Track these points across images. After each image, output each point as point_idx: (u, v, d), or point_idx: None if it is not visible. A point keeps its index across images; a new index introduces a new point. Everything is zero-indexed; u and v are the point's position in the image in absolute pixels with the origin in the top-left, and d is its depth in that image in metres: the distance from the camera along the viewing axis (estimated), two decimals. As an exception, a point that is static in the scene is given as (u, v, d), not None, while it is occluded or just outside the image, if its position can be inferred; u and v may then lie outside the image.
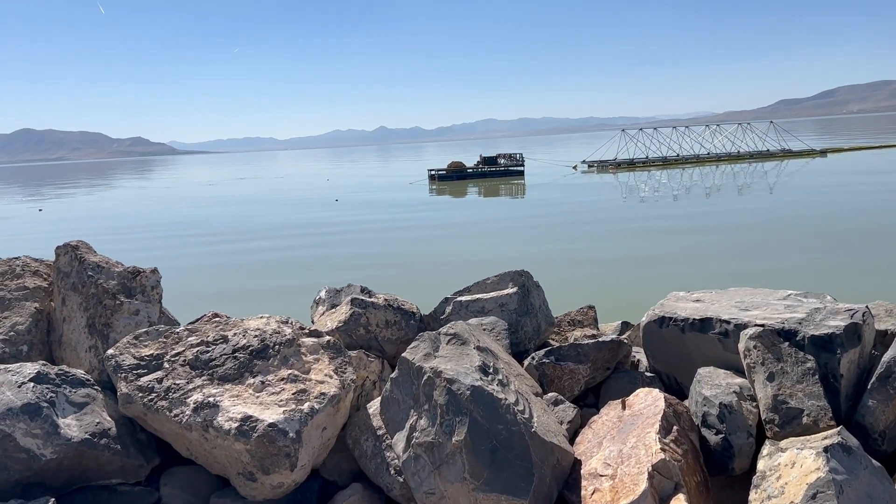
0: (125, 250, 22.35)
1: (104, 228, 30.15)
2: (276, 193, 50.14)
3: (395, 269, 18.58)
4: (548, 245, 21.04)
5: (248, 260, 20.85)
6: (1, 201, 58.11)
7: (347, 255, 21.03)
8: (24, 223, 35.28)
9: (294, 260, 20.71)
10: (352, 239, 24.10)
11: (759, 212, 26.51)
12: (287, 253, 21.97)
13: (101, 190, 67.28)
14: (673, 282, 14.32)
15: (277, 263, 20.12)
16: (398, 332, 5.44)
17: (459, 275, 15.31)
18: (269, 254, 21.95)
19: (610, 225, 24.70)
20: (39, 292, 5.73)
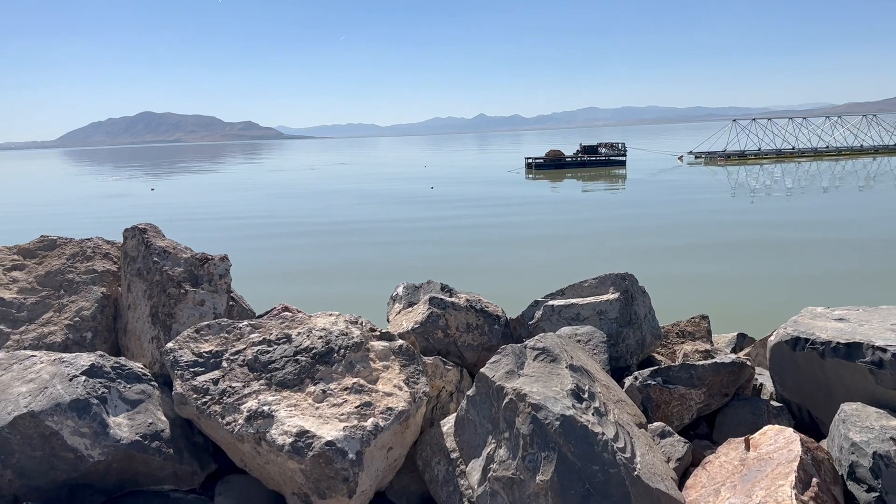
0: (215, 234, 22.59)
1: (201, 211, 30.92)
2: (373, 179, 50.44)
3: (482, 264, 17.29)
4: (649, 241, 19.55)
5: (335, 247, 20.41)
6: (120, 179, 61.30)
7: (434, 247, 20.08)
8: (136, 201, 36.88)
9: (381, 249, 20.06)
10: (442, 229, 23.20)
11: (886, 210, 24.23)
12: (375, 241, 21.35)
13: (210, 172, 69.95)
14: (793, 290, 12.96)
15: (364, 252, 19.55)
16: (480, 337, 4.84)
17: (552, 274, 14.40)
18: (357, 241, 21.53)
19: (717, 220, 23.08)
20: (108, 276, 5.48)
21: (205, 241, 19.71)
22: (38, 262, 5.61)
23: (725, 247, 18.22)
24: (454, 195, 33.62)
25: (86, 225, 25.04)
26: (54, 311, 5.22)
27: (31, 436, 3.94)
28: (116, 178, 62.06)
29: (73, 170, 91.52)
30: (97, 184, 56.14)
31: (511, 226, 23.65)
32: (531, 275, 15.44)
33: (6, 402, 4.06)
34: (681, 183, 39.83)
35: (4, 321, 5.13)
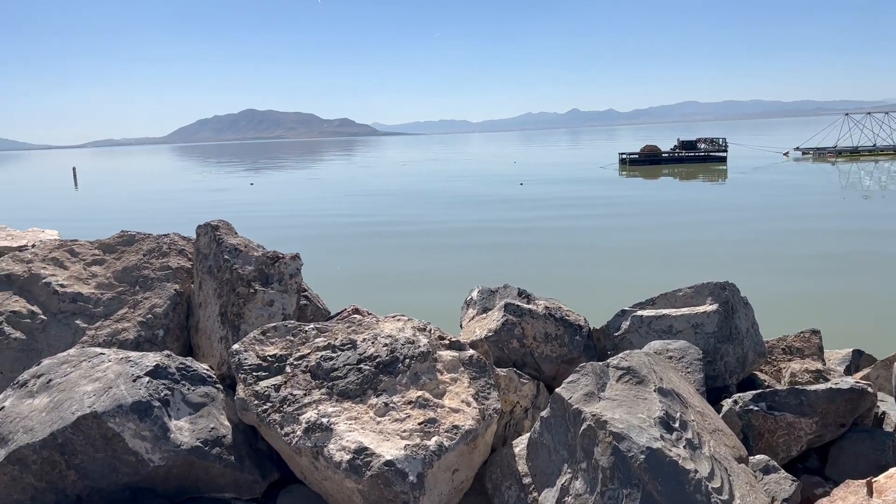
0: (300, 231, 22.69)
1: (291, 207, 31.43)
2: (461, 176, 50.28)
3: (565, 270, 16.05)
4: (751, 249, 17.79)
5: (416, 247, 19.67)
6: (222, 174, 63.76)
7: (516, 250, 18.81)
8: (235, 196, 38.14)
9: (462, 250, 19.16)
10: (526, 232, 21.93)
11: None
12: (457, 243, 20.45)
13: (305, 168, 71.72)
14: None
15: (445, 253, 18.83)
16: (560, 348, 4.46)
17: (640, 282, 13.33)
18: (439, 242, 20.66)
19: (827, 226, 21.18)
20: (182, 273, 5.43)
21: (289, 239, 19.89)
22: (116, 257, 5.63)
23: (836, 257, 16.42)
24: (542, 195, 32.26)
25: (183, 218, 25.86)
26: (129, 308, 5.20)
27: (93, 437, 3.87)
28: (205, 174, 64.54)
29: (179, 165, 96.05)
30: (200, 178, 58.58)
31: (599, 229, 21.87)
32: (618, 282, 14.14)
33: (72, 400, 4.01)
34: (786, 182, 37.48)
35: (81, 316, 5.16)
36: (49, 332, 5.05)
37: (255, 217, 25.66)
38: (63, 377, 4.26)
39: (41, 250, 5.70)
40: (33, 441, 3.86)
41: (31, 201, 39.30)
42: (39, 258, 5.60)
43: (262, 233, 20.50)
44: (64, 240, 5.90)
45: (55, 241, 5.87)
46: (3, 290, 5.28)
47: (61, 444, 3.86)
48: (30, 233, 7.45)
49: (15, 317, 5.06)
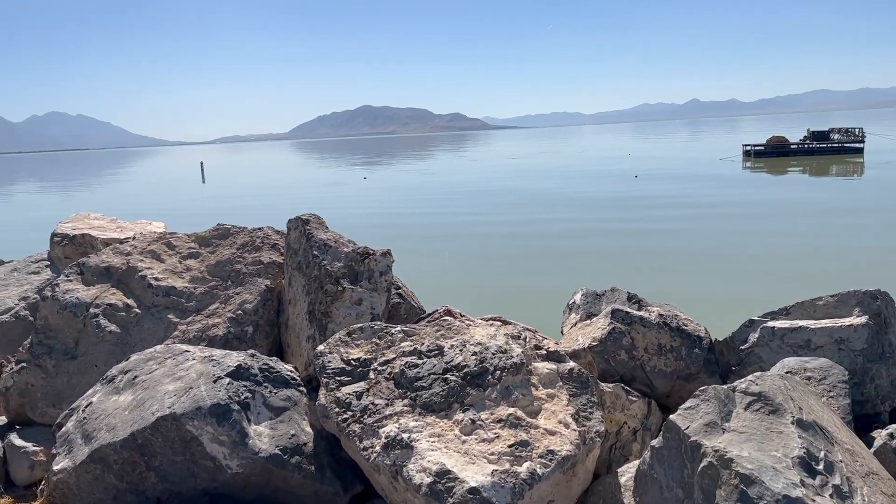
0: (402, 226, 22.40)
1: (397, 200, 31.44)
2: (571, 168, 49.09)
3: (681, 274, 14.07)
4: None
5: (518, 245, 18.13)
6: (338, 169, 65.48)
7: (625, 252, 16.93)
8: (349, 189, 38.90)
9: (567, 246, 17.61)
10: (640, 226, 20.14)
11: None
12: (563, 237, 18.99)
13: (417, 162, 72.44)
14: None
15: (550, 248, 17.44)
16: (675, 362, 3.92)
17: (772, 287, 11.95)
18: (542, 242, 19.25)
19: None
20: (273, 268, 5.27)
21: (391, 235, 19.65)
22: (210, 250, 5.55)
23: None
24: (656, 192, 29.51)
25: (295, 210, 26.58)
26: (220, 303, 5.10)
27: (172, 439, 3.72)
28: (322, 167, 66.26)
29: (298, 159, 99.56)
30: (317, 172, 60.38)
31: (719, 233, 18.81)
32: (742, 289, 12.38)
33: (153, 399, 3.89)
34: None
35: (174, 310, 5.09)
36: (142, 325, 5.01)
37: (362, 212, 25.83)
38: (148, 374, 4.16)
39: (140, 243, 5.71)
40: (114, 440, 3.76)
41: (162, 194, 41.67)
42: (138, 251, 5.61)
43: (366, 229, 20.49)
44: (163, 232, 5.91)
45: (155, 233, 5.88)
46: (102, 283, 5.31)
47: (141, 445, 3.74)
48: (138, 225, 7.61)
49: (111, 309, 5.06)
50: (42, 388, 4.78)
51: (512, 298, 12.17)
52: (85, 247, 6.71)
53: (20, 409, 4.81)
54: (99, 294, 5.18)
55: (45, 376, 4.82)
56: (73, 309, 5.05)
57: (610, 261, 15.27)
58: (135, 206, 32.98)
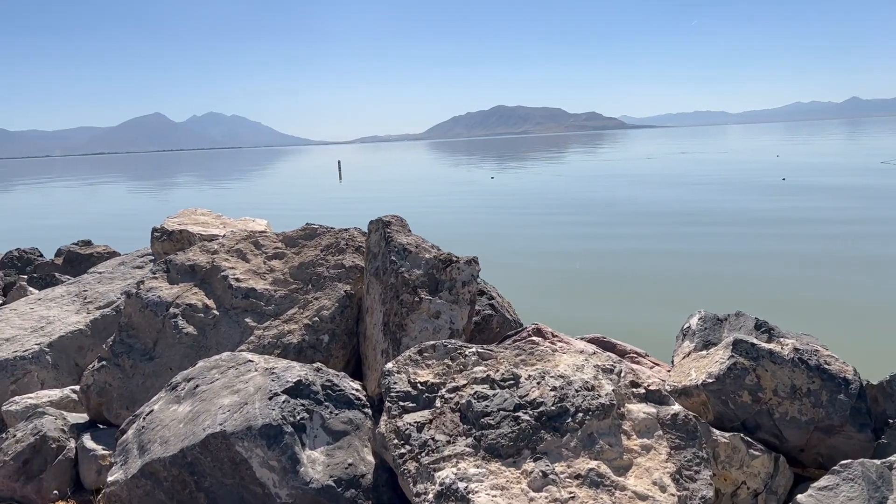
0: (518, 227, 21.42)
1: (520, 200, 30.49)
2: (713, 169, 46.29)
3: (822, 297, 11.54)
4: None
5: (645, 257, 15.46)
6: (468, 168, 65.68)
7: (760, 263, 14.38)
8: (474, 189, 38.69)
9: (694, 258, 15.04)
10: (786, 236, 17.22)
11: None
12: (688, 244, 16.47)
13: (548, 161, 71.30)
14: None
15: (671, 256, 15.05)
16: (813, 409, 3.14)
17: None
18: (670, 239, 17.13)
19: None
20: (355, 273, 4.89)
21: (501, 237, 18.92)
22: (296, 251, 5.26)
23: None
24: (804, 204, 25.92)
25: (416, 210, 26.13)
26: (298, 308, 4.78)
27: (222, 459, 3.40)
28: (452, 166, 66.43)
29: (431, 158, 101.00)
30: (446, 171, 60.81)
31: (877, 261, 14.31)
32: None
33: (208, 413, 3.59)
34: None
35: (252, 314, 4.83)
36: (219, 328, 4.79)
37: (482, 213, 25.31)
38: (208, 384, 3.88)
39: (228, 241, 5.53)
40: (165, 456, 3.49)
41: (300, 191, 43.31)
42: (224, 249, 5.42)
43: (478, 232, 19.96)
44: (253, 231, 5.70)
45: (244, 231, 5.69)
46: (186, 282, 5.15)
47: (190, 464, 3.44)
48: (240, 221, 7.54)
49: (190, 310, 4.87)
50: (118, 389, 4.66)
51: (623, 317, 10.76)
52: (182, 243, 6.68)
53: (98, 409, 4.71)
54: (181, 293, 5.02)
55: (121, 376, 4.69)
56: (153, 308, 4.91)
57: (743, 286, 12.49)
58: (271, 201, 34.37)
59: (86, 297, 6.63)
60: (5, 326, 6.22)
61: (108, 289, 6.69)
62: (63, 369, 5.89)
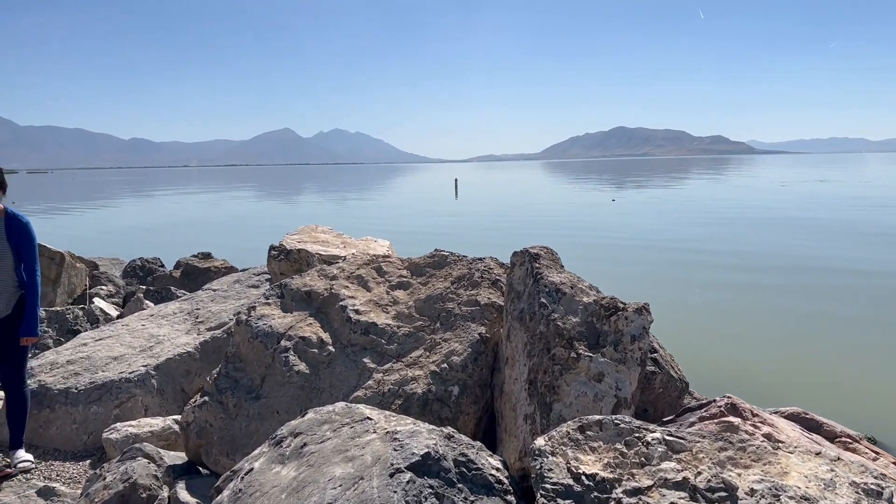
0: (647, 262, 19.09)
1: (647, 225, 28.79)
2: (861, 200, 42.52)
3: None
4: None
5: (811, 296, 12.65)
6: (587, 190, 64.06)
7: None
8: (596, 212, 37.30)
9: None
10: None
11: None
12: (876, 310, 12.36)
13: (672, 186, 68.47)
14: None
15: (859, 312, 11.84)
16: None
17: None
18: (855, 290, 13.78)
19: None
20: (492, 312, 4.13)
21: (631, 273, 17.13)
22: (423, 281, 4.58)
23: None
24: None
25: (534, 232, 25.15)
26: (424, 350, 4.07)
27: (327, 549, 2.71)
28: (570, 187, 64.75)
29: (548, 179, 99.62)
30: (565, 192, 59.51)
31: None
32: None
33: (315, 485, 2.92)
34: None
35: (372, 353, 4.17)
36: (334, 368, 4.15)
37: (606, 239, 23.97)
38: (318, 444, 3.22)
39: (349, 265, 4.93)
40: (260, 536, 2.86)
41: (416, 207, 43.43)
42: (344, 275, 4.82)
43: (605, 260, 18.63)
44: (376, 255, 5.08)
45: (366, 255, 5.07)
46: (301, 310, 4.57)
47: (291, 551, 2.78)
48: (362, 242, 6.99)
49: (303, 344, 4.27)
50: (219, 431, 4.11)
51: (808, 377, 8.58)
52: (300, 263, 6.18)
53: (197, 450, 4.19)
54: (294, 324, 4.44)
55: (224, 416, 4.14)
56: (263, 339, 4.35)
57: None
58: (387, 216, 34.48)
59: (197, 316, 6.25)
60: (115, 343, 5.90)
61: (221, 308, 6.28)
62: (168, 394, 5.47)
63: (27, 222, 4.57)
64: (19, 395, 4.60)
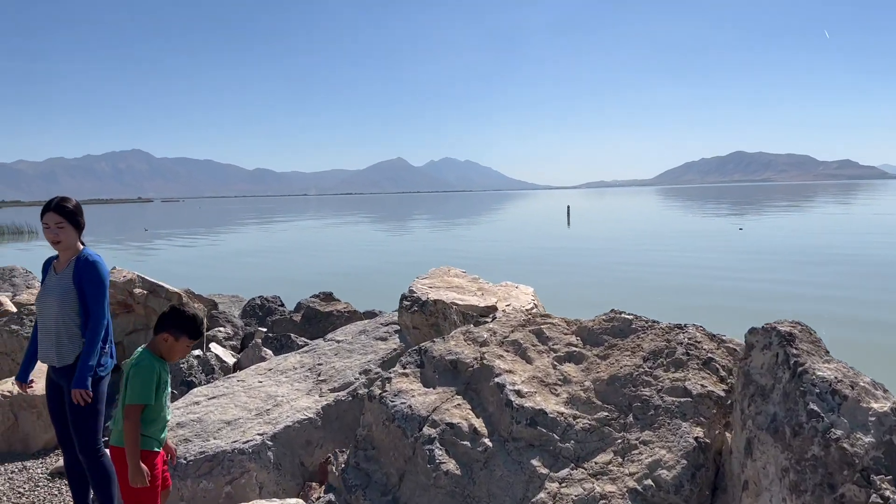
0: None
1: (787, 259, 26.02)
2: None
3: None
4: None
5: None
6: (706, 217, 60.88)
7: None
8: (722, 243, 34.88)
9: None
10: None
11: None
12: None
13: (801, 212, 63.96)
14: None
15: None
16: None
17: None
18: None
19: None
20: (708, 406, 3.06)
21: (778, 298, 15.02)
22: (600, 353, 3.57)
23: None
24: None
25: (655, 269, 22.80)
26: (615, 455, 3.06)
27: None
28: (688, 215, 61.46)
29: (662, 206, 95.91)
30: (682, 220, 56.71)
31: None
32: None
33: None
34: None
35: (542, 452, 3.19)
36: (493, 470, 3.21)
37: (746, 276, 21.75)
38: None
39: (501, 327, 4.00)
40: None
41: (527, 235, 42.39)
42: (497, 339, 3.89)
43: (741, 293, 16.57)
44: (533, 314, 4.12)
45: (520, 314, 4.13)
46: (446, 385, 3.67)
47: None
48: (501, 288, 6.06)
49: (452, 434, 3.36)
50: (347, 544, 3.25)
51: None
52: (436, 316, 5.32)
53: (320, 564, 3.35)
54: (439, 404, 3.54)
55: (353, 524, 3.29)
56: (402, 423, 3.47)
57: None
58: (499, 248, 33.56)
59: (319, 374, 5.50)
60: (229, 404, 5.23)
61: (346, 365, 5.50)
62: (286, 469, 4.71)
63: (95, 261, 3.95)
64: (90, 464, 3.95)
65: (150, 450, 3.43)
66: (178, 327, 3.45)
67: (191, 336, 3.51)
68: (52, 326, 3.95)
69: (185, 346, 3.51)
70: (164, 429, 3.53)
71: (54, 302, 3.94)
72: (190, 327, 3.49)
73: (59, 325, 3.94)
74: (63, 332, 3.94)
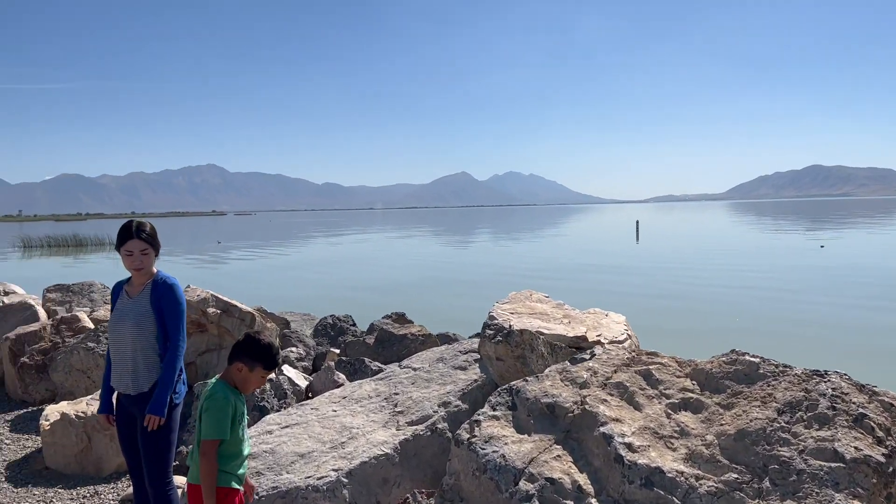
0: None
1: (865, 276, 24.45)
2: None
3: None
4: None
5: None
6: (783, 233, 58.56)
7: None
8: (804, 261, 33.26)
9: None
10: None
11: None
12: None
13: (885, 230, 60.76)
14: None
15: None
16: None
17: None
18: None
19: None
20: (866, 475, 2.59)
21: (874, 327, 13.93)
22: (723, 402, 3.13)
23: None
24: None
25: (730, 291, 21.66)
26: (749, 526, 2.62)
27: None
28: (763, 231, 59.08)
29: (735, 220, 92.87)
30: (757, 236, 54.61)
31: None
32: None
33: None
34: None
35: (659, 518, 2.78)
36: (602, 536, 2.81)
37: (830, 291, 20.49)
38: None
39: (602, 366, 3.59)
40: None
41: (595, 251, 41.46)
42: (598, 381, 3.49)
43: (831, 316, 15.44)
44: (637, 351, 3.71)
45: (623, 352, 3.72)
46: (542, 432, 3.29)
47: None
48: (589, 315, 5.62)
49: (553, 491, 2.97)
50: None
51: None
52: (523, 347, 4.93)
53: None
54: (537, 455, 3.16)
55: (442, 590, 2.93)
56: (495, 476, 3.11)
57: None
58: (569, 262, 32.83)
59: (396, 404, 5.19)
60: (303, 435, 4.96)
61: (423, 395, 5.17)
62: (362, 509, 4.40)
63: (174, 283, 3.76)
64: (158, 495, 3.73)
65: (229, 486, 3.18)
66: (253, 357, 3.19)
67: (266, 366, 3.25)
68: (129, 353, 3.77)
69: (261, 376, 3.25)
70: (243, 464, 3.27)
71: (130, 326, 3.76)
72: (265, 357, 3.23)
73: (135, 351, 3.76)
74: (140, 359, 3.76)
